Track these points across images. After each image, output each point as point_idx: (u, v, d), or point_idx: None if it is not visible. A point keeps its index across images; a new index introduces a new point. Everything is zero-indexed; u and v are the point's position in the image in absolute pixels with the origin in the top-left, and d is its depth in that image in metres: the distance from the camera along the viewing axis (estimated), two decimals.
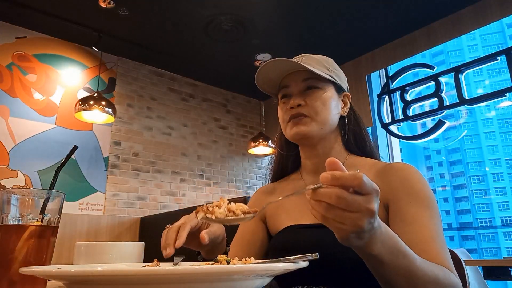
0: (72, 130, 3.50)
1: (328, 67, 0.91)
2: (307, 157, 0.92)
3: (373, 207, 0.46)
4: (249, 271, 0.40)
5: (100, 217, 3.48)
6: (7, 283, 0.56)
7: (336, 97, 0.90)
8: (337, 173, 0.46)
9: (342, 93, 0.94)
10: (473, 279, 1.20)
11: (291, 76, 0.88)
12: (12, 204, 0.59)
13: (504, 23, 21.19)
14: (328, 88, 0.89)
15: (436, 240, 0.68)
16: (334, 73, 0.92)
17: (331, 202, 0.45)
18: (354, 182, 0.45)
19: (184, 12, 3.23)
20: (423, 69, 3.54)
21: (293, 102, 0.85)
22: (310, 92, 0.86)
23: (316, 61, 0.90)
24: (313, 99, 0.85)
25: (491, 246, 20.94)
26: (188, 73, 4.38)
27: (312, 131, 0.84)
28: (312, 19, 3.28)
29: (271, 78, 0.90)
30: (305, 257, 0.46)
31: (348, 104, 0.95)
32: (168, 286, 0.38)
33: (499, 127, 23.23)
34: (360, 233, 0.48)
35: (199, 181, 4.27)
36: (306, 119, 0.84)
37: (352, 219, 0.46)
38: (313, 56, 0.91)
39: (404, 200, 0.75)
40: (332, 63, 0.94)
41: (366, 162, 0.88)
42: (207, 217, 0.55)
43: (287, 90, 0.89)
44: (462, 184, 23.63)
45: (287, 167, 1.01)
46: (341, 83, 0.93)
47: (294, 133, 0.85)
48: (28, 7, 3.14)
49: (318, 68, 0.87)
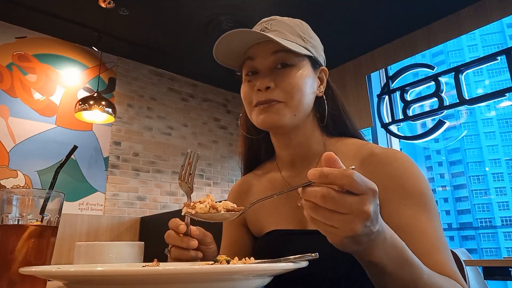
0: (72, 130, 3.50)
1: (303, 36, 0.75)
2: (281, 147, 0.80)
3: (368, 208, 0.41)
4: (249, 271, 0.40)
5: (100, 217, 3.48)
6: (7, 283, 0.56)
7: (312, 74, 0.76)
8: (326, 170, 0.41)
9: (318, 68, 0.79)
10: (473, 279, 1.20)
11: (258, 47, 0.73)
12: (12, 204, 0.59)
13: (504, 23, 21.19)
14: (303, 64, 0.74)
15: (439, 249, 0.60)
16: (310, 43, 0.76)
17: (317, 202, 0.41)
18: (343, 180, 0.40)
19: (184, 12, 3.23)
20: (423, 69, 3.54)
21: (261, 83, 0.70)
22: (282, 71, 0.72)
23: (289, 28, 0.75)
24: (286, 80, 0.71)
25: (491, 246, 20.93)
26: (188, 73, 4.38)
27: (284, 119, 0.71)
28: (312, 19, 3.27)
29: (233, 50, 0.74)
30: (305, 257, 0.46)
31: (324, 81, 0.81)
32: (168, 286, 0.38)
33: (499, 127, 23.23)
34: (356, 237, 0.42)
35: (199, 181, 4.28)
36: (278, 105, 0.70)
37: (343, 222, 0.41)
38: (285, 21, 0.76)
39: (397, 202, 0.64)
40: (307, 30, 0.78)
41: (348, 148, 0.76)
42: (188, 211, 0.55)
43: (252, 63, 0.74)
44: (462, 184, 23.62)
45: (260, 153, 0.89)
46: (317, 56, 0.78)
47: (261, 121, 0.72)
48: (28, 7, 3.14)
49: (291, 39, 0.73)
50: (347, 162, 0.73)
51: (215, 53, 0.74)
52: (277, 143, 0.81)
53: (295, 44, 0.72)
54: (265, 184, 0.84)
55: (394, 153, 0.71)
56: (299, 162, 0.79)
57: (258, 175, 0.88)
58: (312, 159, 0.78)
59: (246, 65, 0.76)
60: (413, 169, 0.68)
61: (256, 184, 0.87)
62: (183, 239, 0.68)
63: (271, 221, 0.79)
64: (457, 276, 0.58)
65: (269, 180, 0.83)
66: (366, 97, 3.78)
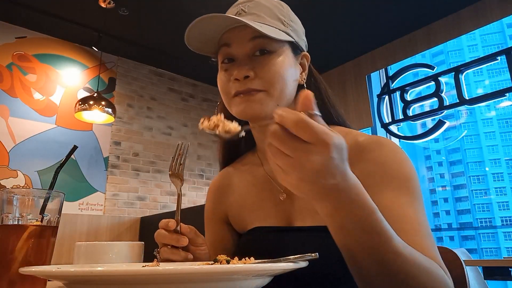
0: (72, 130, 3.50)
1: (283, 19, 0.69)
2: (261, 138, 0.76)
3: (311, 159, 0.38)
4: (249, 271, 0.40)
5: (100, 217, 3.48)
6: (7, 283, 0.56)
7: (293, 61, 0.71)
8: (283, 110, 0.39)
9: (299, 54, 0.74)
10: (473, 279, 1.20)
11: (235, 32, 0.67)
12: (12, 204, 0.59)
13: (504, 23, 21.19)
14: (283, 50, 0.68)
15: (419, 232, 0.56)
16: (291, 27, 0.70)
17: (269, 138, 0.39)
18: (291, 122, 0.38)
19: (184, 12, 3.23)
20: (423, 69, 3.55)
21: (239, 73, 0.65)
22: (261, 58, 0.66)
23: (267, 10, 0.68)
24: (265, 68, 0.65)
25: (491, 246, 20.93)
26: (188, 73, 4.38)
27: (266, 110, 0.65)
28: (312, 19, 3.28)
29: (207, 35, 0.69)
30: (305, 257, 0.46)
31: (306, 67, 0.75)
32: (168, 286, 0.38)
33: (499, 127, 23.23)
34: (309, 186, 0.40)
35: (199, 181, 4.28)
36: (259, 94, 0.65)
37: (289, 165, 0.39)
38: (263, 2, 0.70)
39: (378, 187, 0.60)
40: (287, 12, 0.72)
41: None
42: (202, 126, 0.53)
43: (229, 50, 0.68)
44: (462, 184, 23.63)
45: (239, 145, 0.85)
46: (299, 41, 0.72)
47: (241, 111, 0.66)
48: (28, 7, 3.14)
49: (270, 23, 0.67)
50: None
51: (187, 39, 0.69)
52: (257, 134, 0.76)
53: (274, 29, 0.66)
54: (247, 178, 0.80)
55: (379, 139, 0.67)
56: None
57: (239, 169, 0.83)
58: None
59: (221, 52, 0.70)
60: (398, 155, 0.64)
61: (237, 179, 0.82)
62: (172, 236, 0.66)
63: (254, 217, 0.76)
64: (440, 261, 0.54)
65: (251, 174, 0.79)
66: (366, 97, 3.78)
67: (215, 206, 0.85)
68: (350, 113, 3.81)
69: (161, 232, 0.67)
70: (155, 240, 0.68)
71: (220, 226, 0.83)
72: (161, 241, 0.67)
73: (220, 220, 0.84)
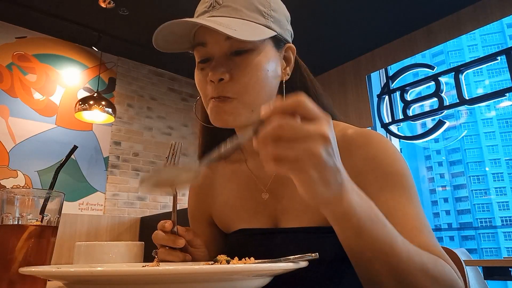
0: (72, 130, 3.50)
1: (262, 10, 0.63)
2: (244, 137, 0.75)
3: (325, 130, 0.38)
4: (249, 271, 0.40)
5: (100, 217, 3.48)
6: (6, 283, 0.56)
7: (275, 57, 0.65)
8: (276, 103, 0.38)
9: (283, 46, 0.68)
10: (473, 279, 1.20)
11: (209, 31, 0.60)
12: (12, 204, 0.60)
13: (504, 23, 21.19)
14: (264, 45, 0.63)
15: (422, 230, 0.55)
16: (272, 18, 0.64)
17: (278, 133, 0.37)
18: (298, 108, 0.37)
19: (184, 12, 3.22)
20: (423, 69, 3.55)
21: (213, 74, 0.60)
22: (238, 59, 0.61)
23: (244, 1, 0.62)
24: (242, 70, 0.61)
25: (491, 246, 20.94)
26: (188, 73, 4.38)
27: (239, 119, 0.62)
28: (312, 19, 3.28)
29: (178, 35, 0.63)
30: (305, 257, 0.46)
31: (291, 60, 0.69)
32: (168, 286, 0.38)
33: (499, 127, 23.25)
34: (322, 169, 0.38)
35: None
36: (231, 104, 0.61)
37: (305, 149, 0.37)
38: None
39: (374, 186, 0.59)
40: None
41: None
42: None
43: (205, 50, 0.63)
44: (462, 184, 23.65)
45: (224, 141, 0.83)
46: (282, 32, 0.66)
47: (213, 120, 0.63)
48: (28, 7, 3.14)
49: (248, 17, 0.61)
50: None
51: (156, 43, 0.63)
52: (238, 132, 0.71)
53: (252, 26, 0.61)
54: (229, 175, 0.77)
55: (368, 133, 0.64)
56: None
57: (221, 165, 0.79)
58: None
59: (197, 51, 0.65)
60: (389, 149, 0.62)
61: (219, 176, 0.79)
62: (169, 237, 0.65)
63: (238, 218, 0.73)
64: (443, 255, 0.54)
65: (233, 171, 0.76)
66: (366, 97, 3.78)
67: (199, 205, 0.82)
68: (350, 113, 3.81)
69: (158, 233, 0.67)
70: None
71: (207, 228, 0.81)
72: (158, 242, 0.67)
73: (206, 222, 0.81)
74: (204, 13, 0.63)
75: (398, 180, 0.59)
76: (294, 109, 0.37)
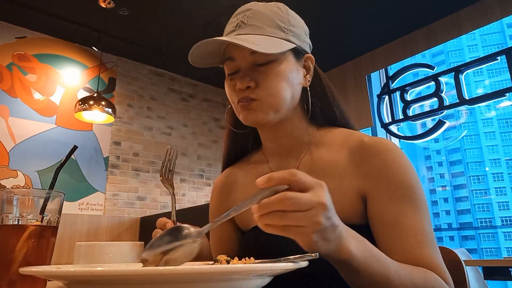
0: (72, 130, 3.50)
1: (283, 26, 0.71)
2: (266, 138, 0.79)
3: (324, 200, 0.43)
4: (249, 271, 0.40)
5: (100, 217, 3.48)
6: (6, 283, 0.56)
7: (295, 66, 0.73)
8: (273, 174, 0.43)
9: (302, 56, 0.75)
10: (473, 279, 1.20)
11: (236, 47, 0.69)
12: (12, 204, 0.59)
13: (504, 23, 21.20)
14: (285, 57, 0.70)
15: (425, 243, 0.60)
16: (292, 33, 0.72)
17: (283, 207, 0.41)
18: (293, 178, 0.42)
19: (184, 12, 3.23)
20: (423, 69, 3.54)
21: (241, 83, 0.68)
22: (262, 68, 0.69)
23: (266, 19, 0.70)
24: (266, 78, 0.68)
25: (491, 246, 20.94)
26: (188, 73, 4.38)
27: (265, 117, 0.69)
28: (312, 19, 3.27)
29: (210, 52, 0.72)
30: (305, 257, 0.46)
31: (311, 69, 0.77)
32: (168, 286, 0.38)
33: (499, 127, 23.24)
34: (323, 232, 0.44)
35: (199, 181, 4.28)
36: (256, 103, 0.69)
37: (308, 218, 0.42)
38: (262, 10, 0.71)
39: (384, 196, 0.63)
40: (287, 17, 0.73)
41: (336, 138, 0.74)
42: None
43: (233, 64, 0.72)
44: (462, 184, 23.64)
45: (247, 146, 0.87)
46: (301, 44, 0.74)
47: (244, 119, 0.71)
48: (28, 7, 3.14)
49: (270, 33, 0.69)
50: (335, 151, 0.72)
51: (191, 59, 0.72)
52: (263, 134, 0.79)
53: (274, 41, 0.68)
54: (252, 176, 0.81)
55: (383, 142, 0.69)
56: (285, 153, 0.78)
57: (244, 167, 0.85)
58: (300, 149, 0.77)
59: (227, 65, 0.74)
60: (401, 160, 0.66)
61: (242, 177, 0.84)
62: None
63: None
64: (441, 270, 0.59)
65: (255, 172, 0.81)
66: (366, 97, 3.78)
67: (219, 204, 0.86)
68: (350, 113, 3.79)
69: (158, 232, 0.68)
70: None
71: (225, 224, 0.84)
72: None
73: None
74: (231, 32, 0.72)
75: (408, 192, 0.63)
76: (289, 181, 0.42)
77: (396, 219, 0.61)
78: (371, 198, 0.66)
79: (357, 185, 0.67)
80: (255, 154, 0.85)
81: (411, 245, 0.59)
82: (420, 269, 0.57)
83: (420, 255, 0.58)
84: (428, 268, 0.58)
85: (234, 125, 0.82)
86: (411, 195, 0.63)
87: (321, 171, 0.72)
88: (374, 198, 0.65)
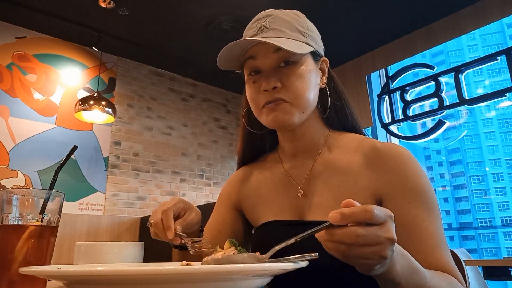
0: (72, 130, 3.50)
1: (302, 31, 0.74)
2: (286, 139, 0.81)
3: (393, 234, 0.44)
4: (249, 271, 0.40)
5: (100, 217, 3.48)
6: (6, 283, 0.56)
7: (314, 68, 0.76)
8: (346, 210, 0.43)
9: (319, 59, 0.79)
10: (473, 279, 1.20)
11: (258, 46, 0.72)
12: (12, 204, 0.59)
13: (504, 23, 21.19)
14: (305, 59, 0.73)
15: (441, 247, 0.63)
16: (310, 37, 0.75)
17: (351, 241, 0.43)
18: (367, 215, 0.43)
19: (184, 12, 3.23)
20: (423, 69, 3.54)
21: (267, 84, 0.70)
22: (286, 69, 0.71)
23: (287, 24, 0.73)
24: (291, 79, 0.70)
25: (491, 246, 20.93)
26: (188, 73, 4.38)
27: (293, 119, 0.71)
28: (312, 19, 3.27)
29: (234, 54, 0.74)
30: (305, 257, 0.46)
31: (326, 71, 0.81)
32: (168, 286, 0.38)
33: (499, 127, 23.23)
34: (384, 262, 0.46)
35: (199, 181, 4.28)
36: (286, 105, 0.70)
37: (376, 253, 0.43)
38: (282, 16, 0.74)
39: (401, 200, 0.66)
40: (305, 22, 0.77)
41: (350, 141, 0.77)
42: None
43: (254, 63, 0.73)
44: (462, 184, 23.63)
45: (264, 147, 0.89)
46: (318, 48, 0.77)
47: (271, 121, 0.71)
48: (28, 7, 3.14)
49: (292, 36, 0.72)
50: (349, 154, 0.74)
51: (219, 62, 0.74)
52: (282, 136, 0.82)
53: (297, 43, 0.71)
54: (266, 174, 0.84)
55: (396, 148, 0.71)
56: (301, 153, 0.80)
57: (260, 166, 0.88)
58: (314, 151, 0.79)
59: (247, 65, 0.74)
60: (415, 166, 0.69)
61: (256, 173, 0.87)
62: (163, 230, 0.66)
63: (268, 211, 0.79)
64: (456, 272, 0.62)
65: (270, 170, 0.84)
66: (366, 97, 3.78)
67: (231, 192, 0.89)
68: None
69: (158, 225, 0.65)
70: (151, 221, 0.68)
71: (230, 211, 0.87)
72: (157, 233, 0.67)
73: (232, 206, 0.88)
74: (254, 36, 0.73)
75: (423, 196, 0.66)
76: (365, 220, 0.43)
77: (415, 223, 0.63)
78: (387, 202, 0.67)
79: (371, 188, 0.69)
80: (270, 154, 0.88)
81: (428, 248, 0.62)
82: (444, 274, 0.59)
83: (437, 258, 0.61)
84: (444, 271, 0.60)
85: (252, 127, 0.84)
86: (427, 199, 0.65)
87: (335, 170, 0.74)
88: (391, 202, 0.67)
